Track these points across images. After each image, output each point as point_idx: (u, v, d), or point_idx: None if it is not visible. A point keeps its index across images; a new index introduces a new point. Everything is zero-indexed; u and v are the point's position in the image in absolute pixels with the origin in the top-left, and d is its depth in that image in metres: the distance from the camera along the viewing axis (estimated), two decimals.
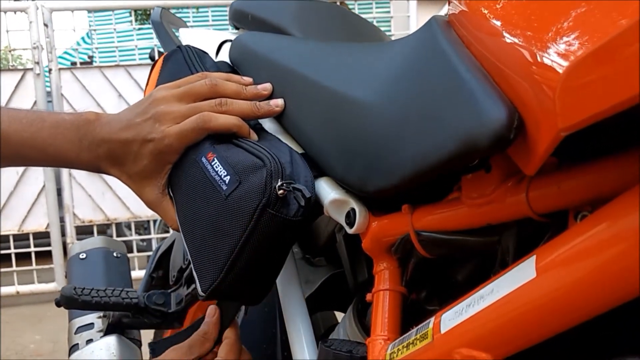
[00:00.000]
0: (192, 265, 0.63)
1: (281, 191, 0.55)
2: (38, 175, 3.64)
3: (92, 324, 0.99)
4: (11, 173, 3.60)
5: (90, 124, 0.68)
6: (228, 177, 0.59)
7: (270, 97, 0.70)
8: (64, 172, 3.65)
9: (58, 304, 0.87)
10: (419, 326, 0.50)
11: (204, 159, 0.63)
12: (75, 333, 0.99)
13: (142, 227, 4.60)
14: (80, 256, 1.10)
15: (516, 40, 0.39)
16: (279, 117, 0.69)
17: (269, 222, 0.56)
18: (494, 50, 0.42)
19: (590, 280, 0.34)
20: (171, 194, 0.69)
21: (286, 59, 0.70)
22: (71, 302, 0.86)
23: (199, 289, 0.61)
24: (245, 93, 0.69)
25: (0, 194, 3.61)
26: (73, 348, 0.97)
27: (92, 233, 3.63)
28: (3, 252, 3.65)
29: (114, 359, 0.92)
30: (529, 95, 0.35)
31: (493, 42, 0.42)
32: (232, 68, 0.80)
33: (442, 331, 0.45)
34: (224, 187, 0.59)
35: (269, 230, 0.57)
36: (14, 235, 3.72)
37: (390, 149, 0.50)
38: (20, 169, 3.59)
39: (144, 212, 3.76)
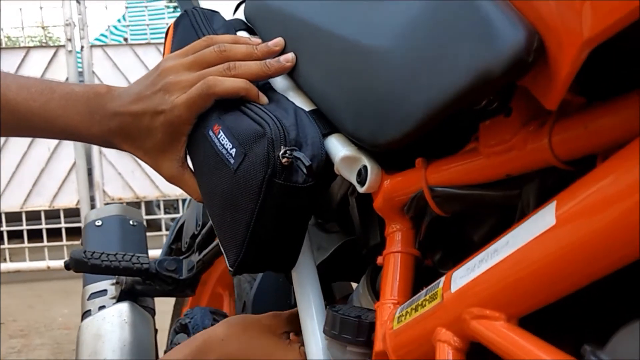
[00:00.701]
0: (218, 240, 0.62)
1: (285, 159, 0.53)
2: (69, 152, 3.68)
3: (105, 290, 0.98)
4: (42, 149, 3.65)
5: (101, 97, 0.66)
6: (234, 149, 0.57)
7: (284, 51, 0.66)
8: (95, 149, 3.69)
9: (67, 267, 0.86)
10: (429, 287, 0.46)
11: (211, 133, 0.61)
12: (88, 299, 0.98)
13: (172, 206, 4.63)
14: (96, 223, 1.09)
15: None
16: (291, 73, 0.66)
17: (279, 192, 0.54)
18: None
19: (616, 227, 0.30)
20: (192, 166, 0.67)
21: (300, 10, 0.66)
22: (80, 265, 0.85)
23: (228, 264, 0.60)
24: (256, 53, 0.66)
25: (32, 171, 3.67)
26: (85, 314, 0.96)
27: None
28: (34, 227, 3.72)
29: (125, 326, 0.90)
30: (551, 12, 0.31)
31: None
32: (246, 25, 0.77)
33: (453, 290, 0.42)
34: (232, 161, 0.57)
35: (281, 200, 0.55)
36: (45, 212, 3.79)
37: (402, 95, 0.46)
38: (52, 146, 3.64)
39: (173, 191, 3.79)
